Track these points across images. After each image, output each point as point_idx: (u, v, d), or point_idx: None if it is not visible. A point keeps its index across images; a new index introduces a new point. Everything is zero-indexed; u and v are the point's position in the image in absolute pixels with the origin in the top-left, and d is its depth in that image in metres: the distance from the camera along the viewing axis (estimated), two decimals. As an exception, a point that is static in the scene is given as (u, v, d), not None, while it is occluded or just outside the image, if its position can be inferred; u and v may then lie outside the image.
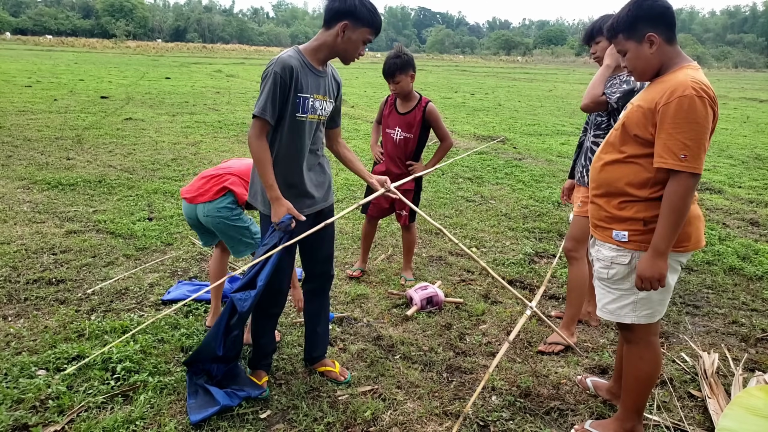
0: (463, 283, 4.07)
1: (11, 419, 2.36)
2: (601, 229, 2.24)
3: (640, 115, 2.06)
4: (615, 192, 2.16)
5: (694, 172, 1.96)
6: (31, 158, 7.15)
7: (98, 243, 4.44)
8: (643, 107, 2.05)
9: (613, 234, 2.18)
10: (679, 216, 2.00)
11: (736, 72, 56.70)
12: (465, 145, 9.79)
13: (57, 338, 3.02)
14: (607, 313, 2.29)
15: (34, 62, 25.71)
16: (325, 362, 2.86)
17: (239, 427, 2.41)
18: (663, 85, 2.03)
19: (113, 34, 69.96)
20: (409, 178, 3.31)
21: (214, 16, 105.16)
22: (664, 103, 1.97)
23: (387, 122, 3.91)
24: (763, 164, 9.12)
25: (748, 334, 3.44)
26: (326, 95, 2.52)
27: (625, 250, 2.16)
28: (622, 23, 2.10)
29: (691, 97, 1.93)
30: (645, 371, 2.29)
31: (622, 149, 2.14)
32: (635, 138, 2.08)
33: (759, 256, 4.72)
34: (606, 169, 2.19)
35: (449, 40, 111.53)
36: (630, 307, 2.22)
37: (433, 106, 3.86)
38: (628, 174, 2.12)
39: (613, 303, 2.26)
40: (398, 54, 3.69)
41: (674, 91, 1.96)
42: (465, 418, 2.53)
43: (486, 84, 26.96)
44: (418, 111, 3.81)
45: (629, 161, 2.12)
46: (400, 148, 3.87)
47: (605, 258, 2.22)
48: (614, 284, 2.23)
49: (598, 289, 2.34)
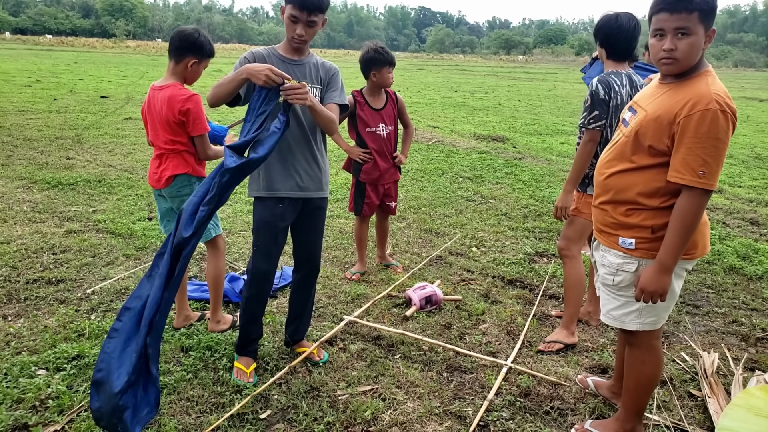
0: (462, 283, 4.07)
1: (11, 419, 2.36)
2: (607, 235, 2.20)
3: (656, 127, 1.97)
4: (623, 200, 2.10)
5: (710, 189, 1.90)
6: (30, 158, 7.15)
7: (98, 243, 4.44)
8: (660, 118, 1.96)
9: (619, 241, 2.13)
10: (689, 232, 1.96)
11: (736, 71, 56.66)
12: (465, 145, 9.79)
13: (57, 338, 3.02)
14: (612, 320, 2.26)
15: (34, 62, 25.70)
16: (303, 344, 3.03)
17: (239, 427, 2.41)
18: (683, 94, 1.93)
19: (113, 34, 69.96)
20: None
21: (214, 16, 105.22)
22: (685, 116, 1.88)
23: (366, 121, 3.90)
24: (763, 163, 9.12)
25: (748, 333, 3.44)
26: (304, 81, 2.58)
27: (632, 258, 2.11)
28: (705, 3, 1.88)
29: (714, 112, 1.85)
30: (646, 374, 2.28)
31: (633, 159, 2.06)
32: (649, 149, 2.00)
33: (759, 256, 4.72)
34: (615, 177, 2.13)
35: (449, 39, 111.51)
36: (635, 314, 2.19)
37: (399, 95, 4.05)
38: (639, 183, 2.05)
39: (618, 309, 2.23)
40: (383, 49, 3.82)
41: (697, 103, 1.87)
42: (465, 418, 2.53)
43: (486, 83, 26.96)
44: (391, 103, 3.98)
45: (640, 170, 2.05)
46: (388, 142, 3.98)
47: (611, 265, 2.18)
48: (620, 291, 2.19)
49: (602, 294, 2.30)
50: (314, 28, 2.58)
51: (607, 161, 2.20)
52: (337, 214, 5.55)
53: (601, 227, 2.23)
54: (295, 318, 3.01)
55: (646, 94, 2.16)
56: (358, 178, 4.01)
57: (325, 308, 3.56)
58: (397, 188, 4.20)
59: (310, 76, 2.67)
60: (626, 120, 2.20)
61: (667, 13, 1.91)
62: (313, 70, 2.69)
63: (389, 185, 4.11)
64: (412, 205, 5.91)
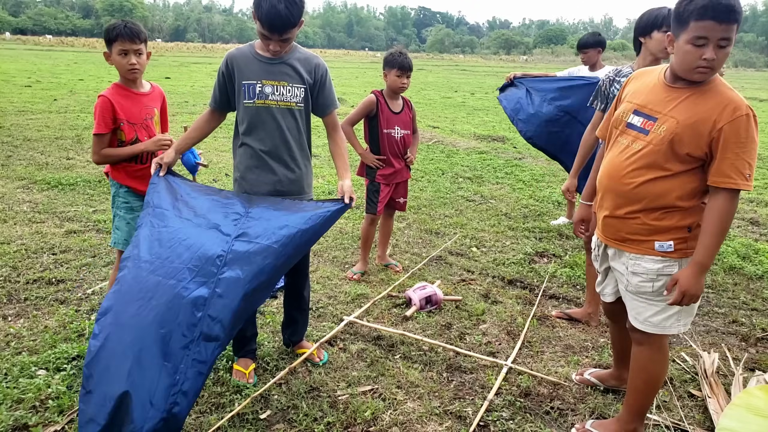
0: (463, 283, 4.07)
1: (11, 419, 2.36)
2: (637, 243, 2.15)
3: (693, 134, 1.96)
4: (659, 206, 2.07)
5: (749, 190, 1.97)
6: (30, 158, 7.15)
7: (98, 243, 4.44)
8: (697, 125, 1.95)
9: (656, 246, 2.09)
10: (726, 231, 2.00)
11: (736, 71, 56.67)
12: (465, 145, 9.79)
13: (57, 338, 3.02)
14: (651, 326, 2.19)
15: (34, 62, 25.70)
16: (302, 344, 3.01)
17: (239, 427, 2.41)
18: (715, 100, 1.95)
19: (113, 34, 69.88)
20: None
21: (214, 16, 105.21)
22: (728, 122, 1.91)
23: (387, 123, 3.98)
24: (764, 164, 9.12)
25: (749, 333, 3.44)
26: (282, 80, 2.55)
27: (672, 260, 2.10)
28: (741, 14, 1.90)
29: (749, 116, 1.91)
30: (654, 374, 2.27)
31: (667, 166, 2.03)
32: (686, 156, 2.00)
33: (759, 256, 4.72)
34: (647, 186, 2.07)
35: (449, 39, 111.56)
36: (675, 318, 2.16)
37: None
38: (676, 188, 2.04)
39: (657, 315, 2.17)
40: (401, 53, 3.95)
41: (735, 108, 1.91)
42: (465, 418, 2.53)
43: (486, 83, 26.95)
44: (407, 108, 4.11)
45: (675, 176, 2.04)
46: (402, 145, 4.08)
47: (648, 271, 2.13)
48: (658, 296, 2.14)
49: (635, 303, 2.22)
50: (289, 41, 2.48)
51: (630, 171, 2.11)
52: (337, 214, 5.54)
53: (628, 236, 2.17)
54: (291, 322, 2.99)
55: (658, 99, 2.08)
56: (373, 179, 4.06)
57: (325, 308, 3.56)
58: (407, 186, 4.30)
59: (290, 76, 2.56)
60: (636, 125, 2.12)
61: (715, 22, 1.86)
62: (294, 69, 2.57)
63: (401, 183, 4.20)
64: (412, 205, 5.91)
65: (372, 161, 4.01)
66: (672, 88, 2.06)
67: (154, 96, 3.01)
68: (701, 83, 1.99)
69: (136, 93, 2.91)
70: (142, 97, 2.93)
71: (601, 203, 2.28)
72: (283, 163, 2.65)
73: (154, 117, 2.98)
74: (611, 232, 2.24)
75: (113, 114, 2.78)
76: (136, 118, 2.87)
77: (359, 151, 4.05)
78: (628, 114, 2.17)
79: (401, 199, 4.27)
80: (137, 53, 2.79)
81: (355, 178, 6.47)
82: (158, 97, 3.04)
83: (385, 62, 3.93)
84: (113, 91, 2.83)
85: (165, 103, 3.10)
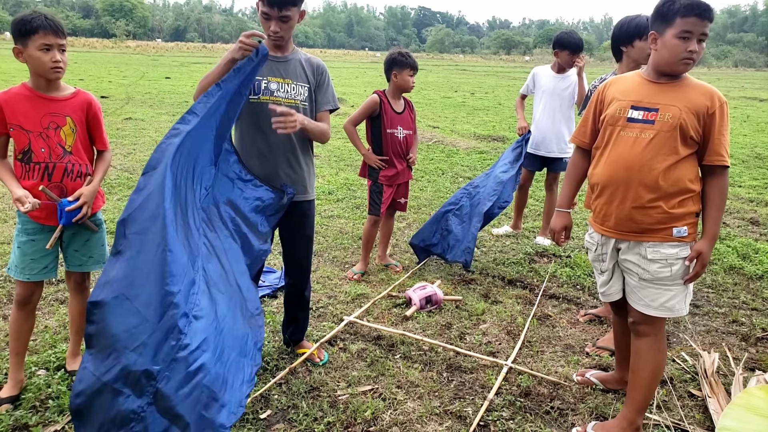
0: (463, 283, 4.07)
1: (11, 419, 2.36)
2: (657, 231, 2.25)
3: (693, 119, 2.16)
4: (677, 191, 2.21)
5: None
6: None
7: (98, 243, 4.43)
8: (696, 111, 2.16)
9: (674, 232, 2.23)
10: (725, 203, 2.29)
11: (737, 71, 56.68)
12: (465, 145, 9.79)
13: (57, 338, 3.02)
14: (666, 311, 2.30)
15: (34, 62, 25.66)
16: (303, 344, 3.02)
17: (239, 427, 2.41)
18: (699, 89, 2.19)
19: (113, 34, 69.99)
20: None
21: (214, 16, 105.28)
22: (717, 107, 2.15)
23: (390, 123, 3.99)
24: (763, 163, 9.12)
25: (749, 333, 3.44)
26: (288, 78, 2.61)
27: (685, 244, 2.26)
28: (713, 13, 2.19)
29: (726, 104, 2.20)
30: (661, 362, 2.35)
31: (679, 151, 2.19)
32: (690, 139, 2.18)
33: (759, 255, 4.72)
34: (666, 172, 2.19)
35: (449, 39, 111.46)
36: (683, 300, 2.31)
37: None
38: (686, 171, 2.21)
39: (672, 299, 2.29)
40: (407, 53, 4.00)
41: (719, 97, 2.17)
42: (465, 418, 2.53)
43: (486, 83, 26.96)
44: (409, 108, 4.12)
45: (683, 160, 2.20)
46: (405, 145, 4.09)
47: (668, 257, 2.25)
48: (674, 280, 2.27)
49: (650, 290, 2.30)
50: (289, 23, 2.51)
51: (651, 158, 2.19)
52: (337, 214, 5.55)
53: (649, 227, 2.25)
54: (291, 321, 3.01)
55: (651, 93, 2.23)
56: (376, 180, 4.06)
57: (325, 308, 3.56)
58: (408, 187, 4.33)
59: (295, 74, 2.64)
60: (638, 118, 2.22)
61: (698, 19, 2.11)
62: (299, 68, 2.65)
63: (402, 184, 4.21)
64: (413, 205, 5.91)
65: (375, 162, 4.02)
66: (657, 84, 2.24)
67: (72, 103, 2.49)
68: (681, 77, 2.22)
69: (43, 96, 2.43)
70: (50, 101, 2.44)
71: (611, 199, 2.30)
72: (286, 160, 2.66)
73: (63, 127, 2.46)
74: (629, 226, 2.29)
75: (2, 117, 2.38)
76: (33, 124, 2.40)
77: (362, 152, 4.06)
78: (625, 110, 2.26)
79: (402, 200, 4.30)
80: (61, 49, 2.39)
81: (356, 178, 6.49)
82: (79, 106, 2.51)
83: (395, 63, 3.92)
84: (14, 91, 2.42)
85: (95, 114, 2.56)
